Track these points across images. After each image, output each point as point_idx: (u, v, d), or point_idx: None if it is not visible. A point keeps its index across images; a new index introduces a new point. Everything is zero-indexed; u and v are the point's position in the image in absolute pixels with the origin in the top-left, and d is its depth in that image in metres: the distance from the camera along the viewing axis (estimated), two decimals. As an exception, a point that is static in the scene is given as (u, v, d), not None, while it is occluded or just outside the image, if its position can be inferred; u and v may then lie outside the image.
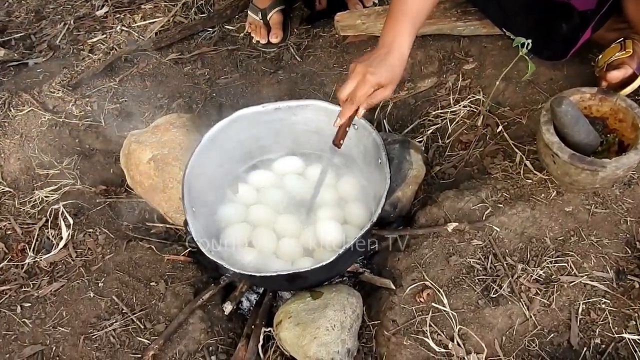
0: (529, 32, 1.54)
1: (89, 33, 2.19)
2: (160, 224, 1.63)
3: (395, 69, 1.27)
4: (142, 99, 1.94)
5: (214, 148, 1.45)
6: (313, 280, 1.36)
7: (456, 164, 1.68)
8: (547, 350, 1.27)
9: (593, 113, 1.45)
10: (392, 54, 1.27)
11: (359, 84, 1.24)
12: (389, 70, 1.26)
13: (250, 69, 2.01)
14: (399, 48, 1.29)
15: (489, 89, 1.73)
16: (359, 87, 1.24)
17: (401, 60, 1.29)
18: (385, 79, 1.25)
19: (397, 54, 1.28)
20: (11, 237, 1.59)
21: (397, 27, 1.31)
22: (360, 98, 1.25)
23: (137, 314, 1.40)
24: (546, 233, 1.42)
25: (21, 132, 1.81)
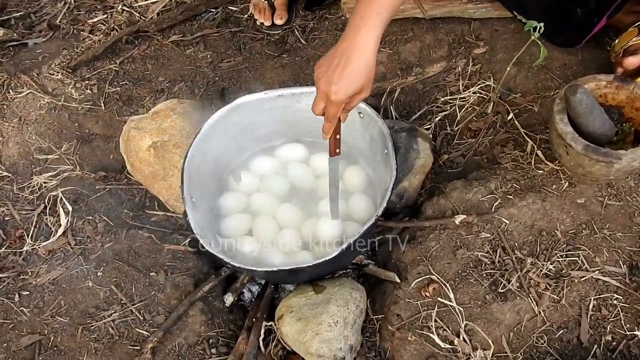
0: (541, 16, 1.47)
1: (90, 13, 2.13)
2: (160, 212, 1.60)
3: (361, 76, 1.10)
4: (143, 82, 1.89)
5: (215, 136, 1.41)
6: (316, 274, 1.32)
7: (465, 153, 1.63)
8: (555, 347, 1.24)
9: (608, 101, 1.39)
10: (354, 58, 1.08)
11: (327, 104, 1.12)
12: (355, 80, 1.10)
13: (254, 52, 1.95)
14: (363, 49, 1.09)
15: (499, 74, 1.67)
16: (328, 107, 1.12)
17: (367, 62, 1.10)
18: (352, 89, 1.10)
19: (361, 57, 1.09)
20: (9, 223, 1.56)
21: (362, 22, 1.11)
22: (334, 116, 1.14)
23: (137, 304, 1.38)
24: (557, 226, 1.38)
25: (20, 115, 1.77)
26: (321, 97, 1.12)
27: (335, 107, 1.12)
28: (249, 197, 1.46)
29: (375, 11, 1.11)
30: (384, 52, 1.85)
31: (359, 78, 1.10)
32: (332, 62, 1.10)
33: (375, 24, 1.10)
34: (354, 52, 1.09)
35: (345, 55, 1.09)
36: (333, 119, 1.15)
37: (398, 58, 1.84)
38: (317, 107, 1.14)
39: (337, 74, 1.08)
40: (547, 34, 1.52)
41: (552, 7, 1.59)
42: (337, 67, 1.09)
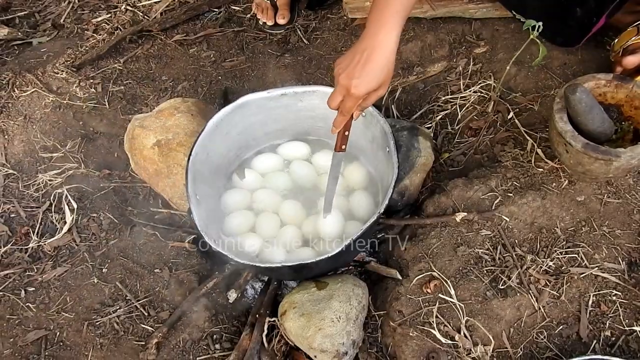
0: (541, 16, 1.49)
1: (94, 12, 2.15)
2: (164, 210, 1.62)
3: (381, 72, 1.14)
4: (147, 81, 1.91)
5: (218, 134, 1.43)
6: (318, 271, 1.34)
7: (465, 151, 1.65)
8: (555, 343, 1.26)
9: (608, 100, 1.41)
10: (375, 56, 1.13)
11: (345, 98, 1.16)
12: (376, 76, 1.13)
13: (257, 52, 1.97)
14: (384, 47, 1.13)
15: (500, 73, 1.69)
16: (346, 100, 1.16)
17: (387, 60, 1.14)
18: (373, 85, 1.14)
19: (382, 54, 1.13)
20: (15, 221, 1.58)
21: (382, 21, 1.15)
22: (349, 110, 1.18)
23: (141, 300, 1.39)
24: (557, 223, 1.39)
25: (25, 113, 1.79)
26: (340, 91, 1.16)
27: (353, 101, 1.16)
28: (252, 195, 1.48)
29: (395, 9, 1.15)
30: (385, 51, 1.86)
31: (380, 74, 1.14)
32: (353, 59, 1.14)
33: (395, 23, 1.14)
34: (375, 50, 1.13)
35: (367, 52, 1.13)
36: (347, 113, 1.19)
37: (399, 57, 1.86)
38: (333, 100, 1.18)
39: (358, 69, 1.12)
40: (547, 33, 1.54)
41: (552, 7, 1.61)
42: (358, 63, 1.13)
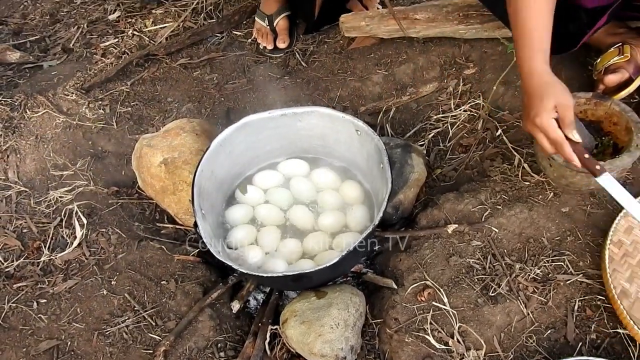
0: None
1: (102, 37, 2.25)
2: (170, 225, 1.69)
3: (550, 95, 1.23)
4: (153, 102, 2.00)
5: (222, 152, 1.51)
6: (318, 280, 1.41)
7: (457, 167, 1.73)
8: (544, 346, 1.32)
9: (588, 117, 1.50)
10: (538, 89, 1.25)
11: (542, 136, 1.26)
12: (549, 99, 1.22)
13: (258, 75, 2.06)
14: (539, 78, 1.26)
15: (488, 93, 1.78)
16: (546, 135, 1.25)
17: (547, 83, 1.25)
18: (548, 106, 1.22)
19: (540, 83, 1.25)
20: (27, 236, 1.65)
21: (531, 59, 1.28)
22: (558, 139, 1.24)
23: (149, 311, 1.46)
24: (543, 233, 1.47)
25: (36, 133, 1.87)
26: (536, 135, 1.27)
27: (551, 130, 1.23)
28: (255, 209, 1.56)
29: (536, 49, 1.28)
30: (380, 73, 1.96)
31: (549, 94, 1.23)
32: (526, 105, 1.28)
33: (542, 59, 1.27)
34: (525, 83, 1.28)
35: (527, 96, 1.27)
36: (559, 142, 1.24)
37: (393, 79, 1.95)
38: (544, 147, 1.28)
39: (533, 105, 1.25)
40: None
41: None
42: (530, 103, 1.26)
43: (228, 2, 2.34)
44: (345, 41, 2.06)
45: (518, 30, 1.33)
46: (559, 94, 1.24)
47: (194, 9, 2.32)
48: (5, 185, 1.77)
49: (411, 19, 1.88)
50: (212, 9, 2.32)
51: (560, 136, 1.24)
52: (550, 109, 1.23)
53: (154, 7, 2.37)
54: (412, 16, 1.89)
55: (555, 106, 1.23)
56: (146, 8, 2.37)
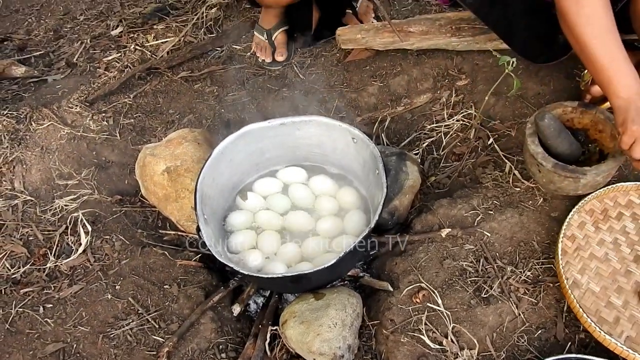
0: (526, 40, 1.65)
1: (105, 51, 2.31)
2: (172, 232, 1.74)
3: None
4: (155, 114, 2.06)
5: (223, 160, 1.56)
6: (316, 282, 1.46)
7: (450, 175, 1.78)
8: (535, 345, 1.36)
9: (575, 125, 1.56)
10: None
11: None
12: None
13: (257, 87, 2.12)
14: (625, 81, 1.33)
15: (480, 103, 1.84)
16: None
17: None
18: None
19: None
20: (33, 243, 1.69)
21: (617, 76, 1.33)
22: None
23: (152, 314, 1.50)
24: (534, 237, 1.52)
25: (42, 144, 1.92)
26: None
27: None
28: (255, 215, 1.61)
29: (624, 73, 1.33)
30: (375, 85, 2.03)
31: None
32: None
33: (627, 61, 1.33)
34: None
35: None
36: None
37: (388, 90, 2.02)
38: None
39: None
40: (529, 55, 1.70)
41: (536, 32, 1.74)
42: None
43: (227, 17, 2.41)
44: (341, 54, 2.13)
45: (597, 63, 1.37)
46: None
47: (195, 24, 2.39)
48: (12, 195, 1.82)
49: (405, 32, 1.96)
50: (212, 24, 2.39)
51: None
52: None
53: (156, 22, 2.44)
54: (406, 29, 1.96)
55: None
56: (148, 24, 2.44)
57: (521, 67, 1.89)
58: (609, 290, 1.38)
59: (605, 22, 1.34)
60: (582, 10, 1.35)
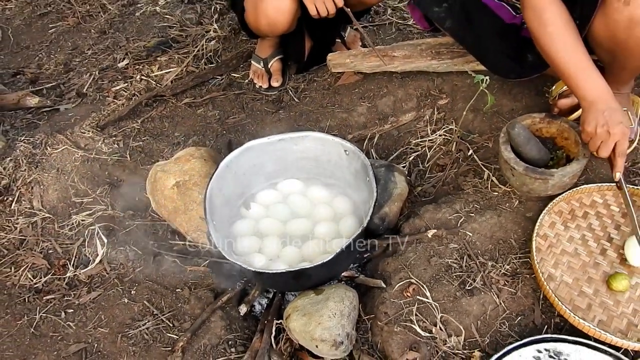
0: (499, 60, 1.84)
1: (112, 82, 2.49)
2: (181, 242, 1.88)
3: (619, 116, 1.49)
4: (162, 137, 2.22)
5: (229, 173, 1.72)
6: (316, 279, 1.60)
7: (435, 184, 1.95)
8: (515, 330, 1.50)
9: (543, 134, 1.74)
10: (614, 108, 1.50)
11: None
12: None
13: (255, 110, 2.30)
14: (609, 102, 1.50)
15: (460, 119, 2.02)
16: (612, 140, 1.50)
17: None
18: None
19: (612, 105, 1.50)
20: (52, 255, 1.84)
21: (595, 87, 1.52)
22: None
23: (166, 315, 1.63)
24: (511, 235, 1.68)
25: (57, 167, 2.08)
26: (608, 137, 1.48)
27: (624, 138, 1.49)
28: (258, 223, 1.76)
29: (583, 59, 1.52)
30: (364, 105, 2.21)
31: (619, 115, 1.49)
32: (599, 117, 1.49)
33: (591, 68, 1.52)
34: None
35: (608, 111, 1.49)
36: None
37: (376, 110, 2.20)
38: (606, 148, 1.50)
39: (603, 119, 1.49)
40: (502, 72, 1.90)
41: (508, 52, 1.93)
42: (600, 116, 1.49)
43: (226, 48, 2.61)
44: (332, 79, 2.32)
45: (565, 72, 1.55)
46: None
47: (195, 56, 2.58)
48: (31, 213, 1.96)
49: (390, 56, 2.16)
50: (211, 55, 2.58)
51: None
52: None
53: (159, 55, 2.63)
54: (391, 54, 2.16)
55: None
56: (152, 56, 2.63)
57: (496, 86, 2.09)
58: (580, 281, 1.54)
59: (569, 37, 1.54)
60: (546, 30, 1.55)
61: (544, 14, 1.54)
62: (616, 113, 1.49)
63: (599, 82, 1.52)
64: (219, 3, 2.92)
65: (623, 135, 1.48)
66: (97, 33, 2.86)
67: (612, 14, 1.48)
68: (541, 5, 1.54)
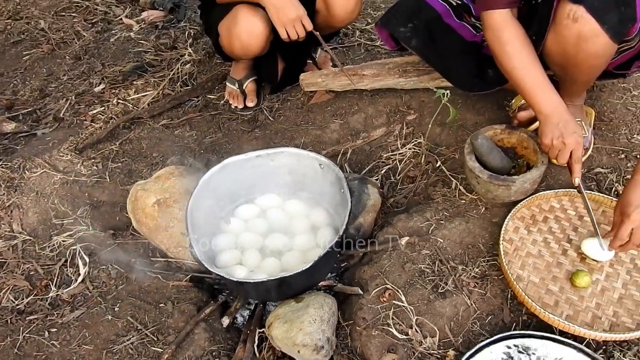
0: (462, 76, 1.96)
1: (89, 106, 2.53)
2: (162, 259, 1.92)
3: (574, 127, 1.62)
4: (140, 158, 2.27)
5: (208, 189, 1.78)
6: (296, 287, 1.66)
7: (406, 195, 2.05)
8: (486, 329, 1.59)
9: (505, 144, 1.86)
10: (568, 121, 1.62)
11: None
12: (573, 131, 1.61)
13: (231, 129, 2.37)
14: (562, 115, 1.62)
15: (427, 133, 2.13)
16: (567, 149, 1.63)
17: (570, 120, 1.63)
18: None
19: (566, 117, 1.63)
20: (34, 277, 1.85)
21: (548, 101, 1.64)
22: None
23: (150, 329, 1.67)
24: (479, 240, 1.78)
25: (36, 190, 2.10)
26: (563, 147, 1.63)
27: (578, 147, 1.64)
28: (238, 237, 1.82)
29: (547, 95, 1.65)
30: (336, 122, 2.30)
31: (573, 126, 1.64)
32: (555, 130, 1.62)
33: (546, 84, 1.66)
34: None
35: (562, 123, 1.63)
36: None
37: (348, 126, 2.30)
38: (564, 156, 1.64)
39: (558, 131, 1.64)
40: (465, 87, 2.02)
41: (470, 69, 2.06)
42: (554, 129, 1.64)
43: (201, 71, 2.69)
44: (305, 98, 2.41)
45: (522, 88, 1.67)
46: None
47: (171, 79, 2.65)
48: (11, 236, 1.98)
49: (360, 75, 2.27)
50: (187, 78, 2.65)
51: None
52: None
53: (135, 79, 2.69)
54: (361, 72, 2.27)
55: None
56: (128, 80, 2.69)
57: (460, 102, 2.21)
58: (546, 280, 1.64)
59: (526, 56, 1.66)
60: (505, 49, 1.67)
61: (502, 35, 1.66)
62: (570, 124, 1.61)
63: (553, 97, 1.64)
64: (192, 28, 3.00)
65: (577, 144, 1.60)
66: (72, 59, 2.90)
67: (562, 30, 1.60)
68: (500, 26, 1.67)
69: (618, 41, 1.58)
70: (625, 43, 1.65)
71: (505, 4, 1.65)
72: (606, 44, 1.57)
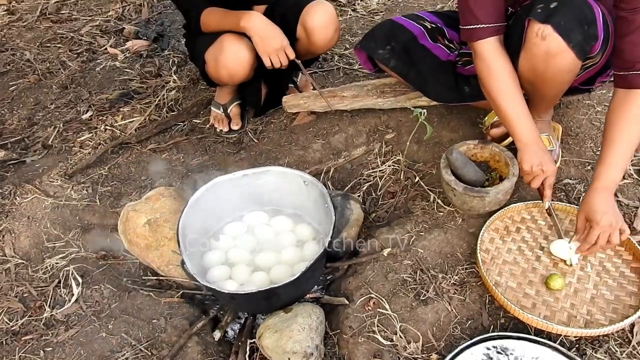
0: (440, 92, 2.08)
1: (77, 133, 2.60)
2: (154, 277, 1.98)
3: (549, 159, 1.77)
4: (129, 181, 2.33)
5: (198, 208, 1.86)
6: (285, 298, 1.73)
7: (387, 209, 2.14)
8: (467, 333, 1.67)
9: (478, 158, 1.97)
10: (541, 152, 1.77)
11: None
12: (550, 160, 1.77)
13: (217, 152, 2.46)
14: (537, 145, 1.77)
15: (406, 151, 2.24)
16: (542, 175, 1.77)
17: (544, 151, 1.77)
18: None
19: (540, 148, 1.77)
20: (28, 299, 1.89)
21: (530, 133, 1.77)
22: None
23: (144, 344, 1.72)
24: (457, 249, 1.87)
25: (28, 215, 2.15)
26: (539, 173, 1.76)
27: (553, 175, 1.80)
28: (227, 253, 1.89)
29: (521, 107, 1.78)
30: (318, 142, 2.40)
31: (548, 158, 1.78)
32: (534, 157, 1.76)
33: (526, 115, 1.79)
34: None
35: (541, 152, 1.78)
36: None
37: (330, 146, 2.40)
38: (536, 182, 1.79)
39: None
40: (445, 99, 2.14)
41: (445, 84, 2.19)
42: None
43: (186, 97, 2.78)
44: (288, 120, 2.51)
45: (505, 116, 1.80)
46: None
47: (157, 105, 2.73)
48: (3, 260, 2.03)
49: (340, 97, 2.38)
50: (172, 103, 2.74)
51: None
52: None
53: (122, 106, 2.77)
54: (340, 94, 2.39)
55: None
56: (115, 107, 2.77)
57: (436, 120, 2.33)
58: (523, 285, 1.73)
59: (510, 87, 1.79)
60: (493, 79, 1.80)
61: (492, 65, 1.79)
62: (547, 154, 1.76)
63: (533, 127, 1.78)
64: (176, 56, 3.11)
65: (553, 173, 1.75)
66: (59, 88, 2.97)
67: (532, 48, 1.72)
68: (490, 58, 1.79)
69: (583, 58, 1.71)
70: (589, 60, 1.78)
71: (491, 32, 1.77)
72: (572, 59, 1.69)
